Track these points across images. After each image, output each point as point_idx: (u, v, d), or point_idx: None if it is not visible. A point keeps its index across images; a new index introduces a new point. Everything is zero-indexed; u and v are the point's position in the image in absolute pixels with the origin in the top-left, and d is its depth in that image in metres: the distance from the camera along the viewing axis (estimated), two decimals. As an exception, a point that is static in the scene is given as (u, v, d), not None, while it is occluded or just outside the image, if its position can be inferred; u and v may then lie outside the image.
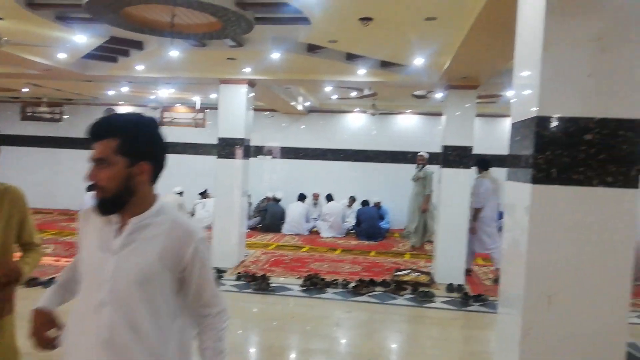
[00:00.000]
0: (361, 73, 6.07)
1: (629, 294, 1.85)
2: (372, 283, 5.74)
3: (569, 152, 1.85)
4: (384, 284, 5.76)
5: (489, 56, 4.55)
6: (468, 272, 6.18)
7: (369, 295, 5.43)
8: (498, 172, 5.76)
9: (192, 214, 9.86)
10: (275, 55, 5.29)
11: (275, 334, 4.30)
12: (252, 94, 6.77)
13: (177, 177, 10.70)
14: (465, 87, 5.95)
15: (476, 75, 5.55)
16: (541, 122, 1.86)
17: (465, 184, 5.99)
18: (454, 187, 6.00)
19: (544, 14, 1.83)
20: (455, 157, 5.99)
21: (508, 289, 2.14)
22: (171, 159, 1.69)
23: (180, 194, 10.07)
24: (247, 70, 6.12)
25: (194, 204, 9.86)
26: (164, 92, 9.17)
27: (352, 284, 5.66)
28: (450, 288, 5.72)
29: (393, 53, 5.30)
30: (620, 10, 1.82)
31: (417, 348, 4.24)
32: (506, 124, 8.81)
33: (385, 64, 5.73)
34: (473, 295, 5.41)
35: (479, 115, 9.14)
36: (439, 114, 7.63)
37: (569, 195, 1.86)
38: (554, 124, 1.86)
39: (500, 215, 5.66)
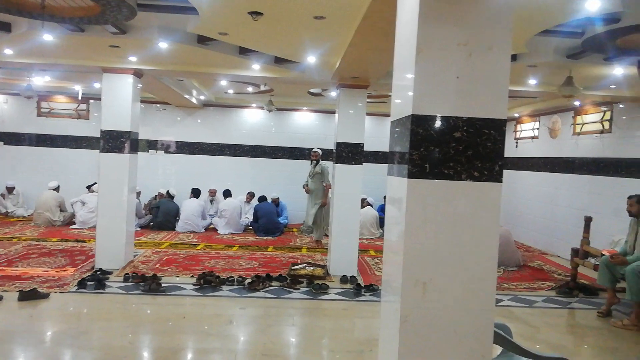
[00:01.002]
0: (255, 68, 6.01)
1: (495, 278, 2.02)
2: (269, 278, 5.74)
3: (440, 149, 1.98)
4: (280, 278, 5.79)
5: (376, 58, 4.74)
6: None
7: (264, 291, 5.42)
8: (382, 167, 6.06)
9: (73, 213, 9.12)
10: (163, 45, 5.05)
11: (166, 336, 4.12)
12: (140, 85, 6.41)
13: (56, 172, 9.87)
14: (356, 87, 6.16)
15: (366, 75, 5.76)
16: (415, 120, 1.97)
17: (357, 179, 6.20)
18: (347, 182, 6.20)
19: (418, 20, 1.93)
20: (348, 153, 6.18)
21: (389, 277, 2.25)
22: (50, 153, 1.53)
23: (57, 189, 9.28)
24: (133, 59, 5.78)
25: (72, 203, 9.09)
26: (40, 80, 8.34)
27: (248, 281, 5.62)
28: (344, 280, 5.91)
29: (285, 50, 5.32)
30: (485, 20, 1.98)
31: (310, 339, 4.32)
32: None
33: (279, 60, 5.74)
34: (365, 286, 5.63)
35: (370, 114, 9.57)
36: (333, 112, 7.83)
37: (440, 189, 1.99)
38: (427, 122, 1.97)
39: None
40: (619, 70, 5.20)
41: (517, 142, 10.17)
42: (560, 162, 8.49)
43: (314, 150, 8.25)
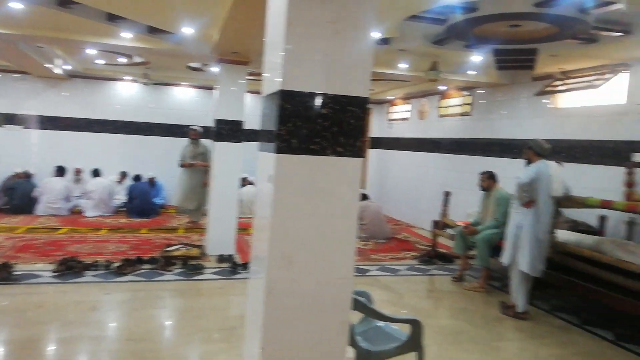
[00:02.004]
0: (125, 37, 5.58)
1: (353, 249, 2.12)
2: (139, 261, 5.47)
3: (307, 125, 2.00)
4: (152, 261, 5.55)
5: (255, 33, 4.64)
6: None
7: (134, 275, 5.16)
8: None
9: None
10: (16, 5, 4.47)
11: (20, 328, 3.74)
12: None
13: None
14: (236, 63, 6.01)
15: (246, 51, 5.65)
16: (284, 96, 1.97)
17: (236, 158, 6.11)
18: (226, 160, 6.08)
19: (288, -4, 1.92)
20: (228, 131, 6.06)
21: (257, 252, 2.26)
22: None
23: None
24: (-22, 19, 5.04)
25: None
26: None
27: (116, 264, 5.29)
28: (220, 259, 5.84)
29: (158, 18, 5.00)
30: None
31: (181, 320, 4.21)
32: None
33: (153, 30, 5.37)
34: (242, 264, 5.62)
35: (251, 91, 9.46)
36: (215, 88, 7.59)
37: (307, 164, 2.02)
38: (294, 98, 1.98)
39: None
40: (477, 57, 5.70)
41: (390, 123, 10.78)
42: (427, 142, 9.19)
43: (192, 127, 7.95)
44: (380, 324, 2.99)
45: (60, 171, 8.85)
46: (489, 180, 5.62)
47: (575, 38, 4.45)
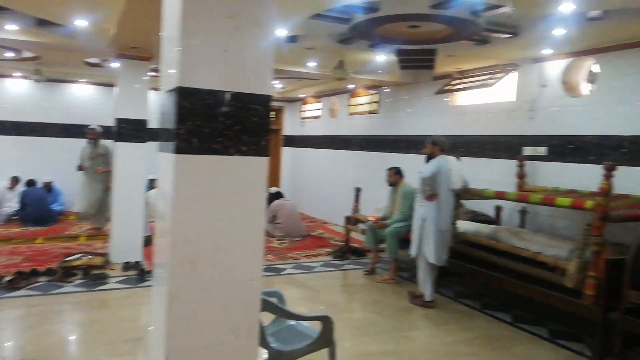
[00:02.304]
0: (10, 29, 5.08)
1: (261, 250, 2.09)
2: (34, 274, 5.04)
3: (208, 123, 1.93)
4: (49, 272, 5.13)
5: (154, 27, 4.41)
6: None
7: (28, 289, 4.74)
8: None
9: None
10: None
11: None
12: None
13: None
14: (137, 58, 5.71)
15: (147, 46, 5.38)
16: (182, 93, 1.88)
17: (140, 159, 5.81)
18: (129, 161, 5.76)
19: (183, -12, 1.84)
20: (130, 130, 5.74)
21: (159, 259, 2.15)
22: None
23: None
24: None
25: None
26: None
27: (7, 279, 4.82)
28: (126, 266, 5.53)
29: (47, 10, 4.59)
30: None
31: (82, 335, 3.94)
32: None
33: (42, 22, 4.92)
34: (149, 270, 5.36)
35: (156, 89, 9.04)
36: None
37: (209, 164, 1.95)
38: (194, 95, 1.90)
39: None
40: (382, 57, 5.89)
41: (302, 121, 10.86)
42: (339, 139, 9.36)
43: (90, 127, 7.45)
44: (292, 322, 2.99)
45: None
46: (395, 175, 5.85)
47: (469, 39, 4.73)
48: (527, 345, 3.95)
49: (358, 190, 6.84)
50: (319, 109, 10.23)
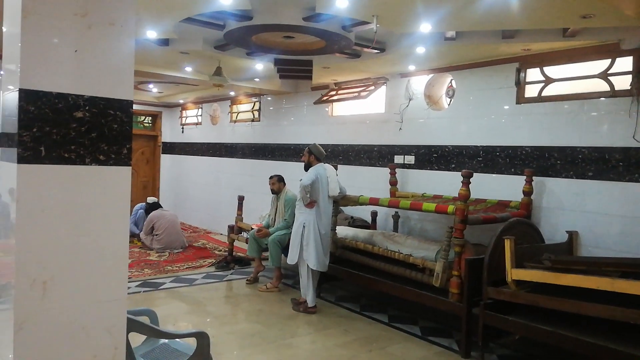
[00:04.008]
0: None
1: (126, 265, 1.95)
2: None
3: (58, 130, 1.75)
4: None
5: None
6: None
7: None
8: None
9: None
10: None
11: None
12: None
13: None
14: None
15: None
16: (25, 96, 1.69)
17: None
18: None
19: (22, -22, 1.65)
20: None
21: (3, 279, 1.91)
22: None
23: None
24: None
25: None
26: None
27: None
28: None
29: None
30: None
31: None
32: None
33: None
34: None
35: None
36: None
37: (61, 175, 1.77)
38: (40, 99, 1.72)
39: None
40: (260, 65, 5.89)
41: (182, 128, 10.48)
42: (221, 147, 9.19)
43: None
44: (166, 341, 2.84)
45: None
46: (278, 183, 5.89)
47: (342, 52, 4.93)
48: (402, 343, 4.18)
49: (241, 198, 6.76)
50: (200, 116, 9.96)
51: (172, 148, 10.73)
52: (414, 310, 4.88)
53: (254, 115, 8.50)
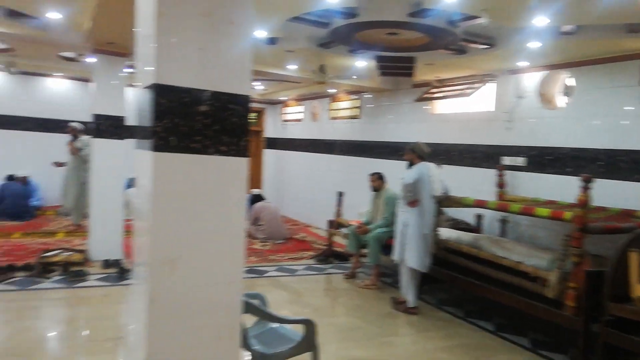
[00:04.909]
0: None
1: (242, 251, 2.06)
2: (11, 269, 4.95)
3: (186, 122, 1.91)
4: (27, 268, 5.05)
5: (129, 23, 4.37)
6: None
7: (5, 283, 4.66)
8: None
9: None
10: None
11: None
12: None
13: None
14: (114, 54, 5.65)
15: (124, 42, 5.30)
16: (159, 90, 1.86)
17: (118, 156, 5.74)
18: (107, 158, 5.69)
19: (157, -16, 1.82)
20: (108, 127, 5.67)
21: (138, 258, 2.12)
22: None
23: None
24: None
25: None
26: None
27: (-18, 274, 4.72)
28: (106, 264, 5.46)
29: (19, 0, 4.50)
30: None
31: (62, 332, 3.88)
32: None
33: (15, 14, 4.82)
34: (129, 269, 5.29)
35: (133, 85, 8.92)
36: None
37: (187, 163, 1.93)
38: (170, 93, 1.88)
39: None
40: (362, 63, 5.91)
41: (284, 124, 10.85)
42: (320, 143, 9.37)
43: (70, 124, 7.37)
44: (275, 325, 2.97)
45: None
46: (378, 180, 5.87)
47: (447, 48, 4.78)
48: (509, 355, 3.94)
49: (340, 194, 6.85)
50: (301, 112, 10.23)
51: (274, 143, 11.15)
52: (521, 320, 4.58)
53: (353, 112, 8.56)
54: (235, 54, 2.00)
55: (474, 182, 5.92)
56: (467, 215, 5.75)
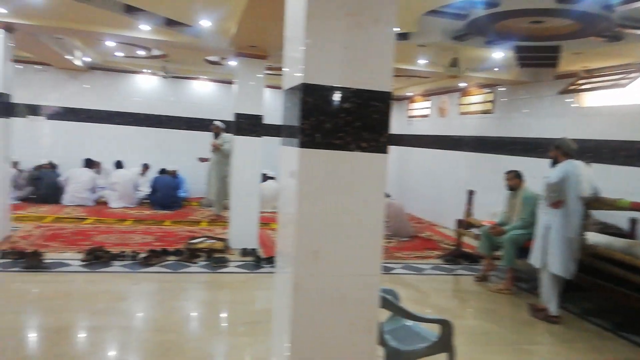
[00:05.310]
0: (144, 29, 5.62)
1: (380, 246, 2.09)
2: (165, 253, 5.55)
3: (330, 119, 1.98)
4: (177, 253, 5.62)
5: (273, 26, 4.65)
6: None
7: (160, 266, 5.24)
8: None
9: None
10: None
11: (51, 315, 3.83)
12: (12, 43, 5.73)
13: None
14: (254, 57, 6.03)
15: (264, 45, 5.65)
16: (306, 89, 1.95)
17: (256, 152, 6.14)
18: (246, 154, 6.11)
19: (309, -13, 1.90)
20: (248, 125, 6.08)
21: (283, 248, 2.25)
22: None
23: None
24: (2, 11, 5.14)
25: None
26: None
27: (142, 255, 5.37)
28: (244, 252, 5.88)
29: (176, 10, 5.02)
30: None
31: (207, 313, 4.26)
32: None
33: (171, 23, 5.40)
34: (265, 258, 5.65)
35: (270, 86, 9.47)
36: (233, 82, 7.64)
37: (331, 159, 2.00)
38: (317, 91, 1.96)
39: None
40: (499, 54, 5.59)
41: (410, 120, 10.69)
42: (448, 139, 9.08)
43: (214, 122, 8.09)
44: (409, 323, 2.94)
45: (88, 163, 9.02)
46: (515, 179, 5.51)
47: (599, 35, 4.33)
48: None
49: (471, 193, 6.57)
50: (428, 108, 9.99)
51: (399, 140, 11.04)
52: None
53: (486, 106, 8.14)
54: (379, 51, 2.02)
55: (627, 183, 5.29)
56: (618, 219, 5.16)
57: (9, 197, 6.04)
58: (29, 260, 4.85)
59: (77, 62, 8.48)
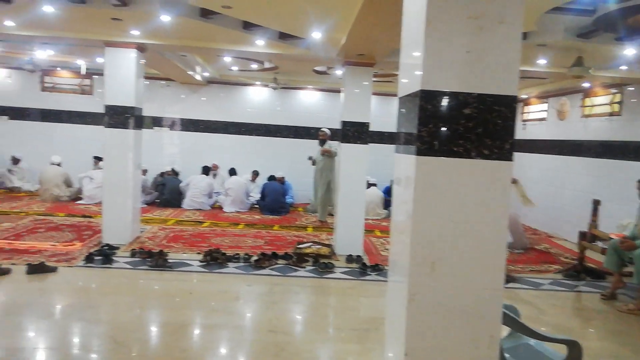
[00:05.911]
0: (259, 44, 5.92)
1: (504, 259, 1.99)
2: (274, 256, 5.77)
3: (449, 126, 1.93)
4: (285, 257, 5.81)
5: (383, 34, 4.65)
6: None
7: (270, 269, 5.45)
8: (388, 148, 6.04)
9: (80, 189, 9.17)
10: (165, 18, 5.00)
11: (173, 311, 4.16)
12: (143, 60, 6.35)
13: (61, 148, 9.88)
14: (362, 65, 6.07)
15: (372, 53, 5.67)
16: (424, 96, 1.91)
17: (362, 159, 6.16)
18: (353, 161, 6.16)
19: (427, -7, 1.87)
20: (354, 132, 6.13)
21: (396, 257, 2.22)
22: (55, 128, 1.51)
23: (59, 164, 9.28)
24: (135, 33, 5.72)
25: (80, 178, 9.16)
26: (42, 54, 8.27)
27: (254, 258, 5.64)
28: (349, 259, 5.92)
29: (290, 24, 5.23)
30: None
31: (315, 317, 4.34)
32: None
33: (283, 36, 5.64)
34: (370, 265, 5.65)
35: (376, 93, 9.45)
36: (339, 91, 7.76)
37: (450, 167, 1.95)
38: (436, 98, 1.92)
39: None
40: (630, 51, 5.07)
41: (524, 124, 10.06)
42: (568, 144, 8.39)
43: (321, 130, 8.28)
44: (531, 342, 2.76)
45: (206, 170, 9.71)
46: (646, 187, 4.96)
47: None
48: None
49: (597, 203, 6.00)
50: (544, 111, 9.33)
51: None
52: None
53: (612, 108, 7.40)
54: (504, 54, 1.92)
55: None
56: None
57: (139, 202, 6.67)
58: (156, 259, 5.31)
59: (197, 77, 9.21)
